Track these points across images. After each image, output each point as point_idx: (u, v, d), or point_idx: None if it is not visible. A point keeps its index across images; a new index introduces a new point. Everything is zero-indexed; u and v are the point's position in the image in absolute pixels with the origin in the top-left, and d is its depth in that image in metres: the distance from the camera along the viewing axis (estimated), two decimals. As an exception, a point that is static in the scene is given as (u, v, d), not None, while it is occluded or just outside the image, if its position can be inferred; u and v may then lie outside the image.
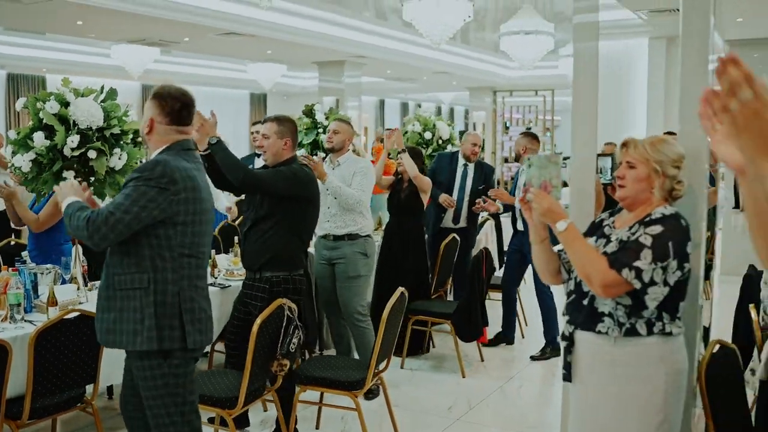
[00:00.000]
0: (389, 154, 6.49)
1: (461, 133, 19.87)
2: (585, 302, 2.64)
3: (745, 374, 3.79)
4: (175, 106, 3.11)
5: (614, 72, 10.29)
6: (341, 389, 4.17)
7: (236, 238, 5.59)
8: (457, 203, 6.61)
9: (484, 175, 6.71)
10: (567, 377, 2.72)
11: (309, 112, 7.09)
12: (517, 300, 6.70)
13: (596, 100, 3.48)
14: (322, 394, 4.56)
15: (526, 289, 7.13)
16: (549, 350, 6.18)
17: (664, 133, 4.43)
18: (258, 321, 3.66)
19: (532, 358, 6.20)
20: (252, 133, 6.89)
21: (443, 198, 6.49)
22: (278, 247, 4.15)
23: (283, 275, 4.17)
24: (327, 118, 7.16)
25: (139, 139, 4.81)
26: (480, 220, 7.32)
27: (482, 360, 6.09)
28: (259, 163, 6.03)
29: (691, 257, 2.61)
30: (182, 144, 3.12)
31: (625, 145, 2.67)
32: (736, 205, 8.31)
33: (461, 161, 6.69)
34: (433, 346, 6.45)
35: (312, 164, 4.61)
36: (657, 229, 2.50)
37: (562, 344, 2.75)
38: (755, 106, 1.23)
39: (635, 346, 2.56)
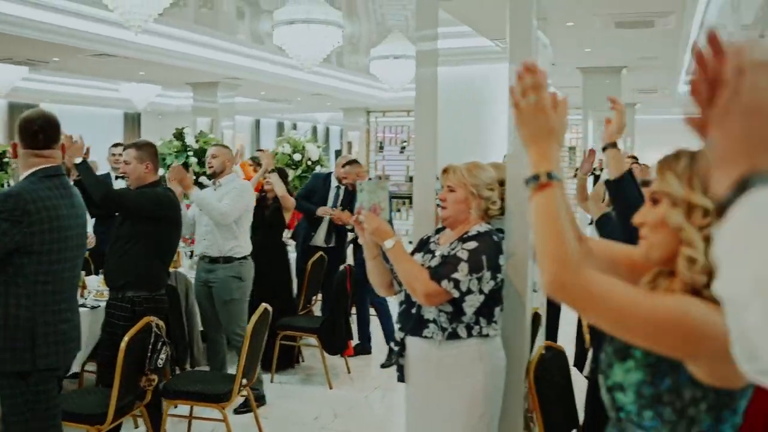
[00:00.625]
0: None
1: (337, 153, 20.23)
2: (413, 311, 3.00)
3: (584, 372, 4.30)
4: (31, 129, 3.18)
5: (476, 96, 10.88)
6: (209, 402, 4.37)
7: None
8: (328, 223, 6.91)
9: (353, 196, 7.04)
10: (401, 378, 3.08)
11: (179, 135, 7.24)
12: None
13: (436, 125, 3.70)
14: (191, 408, 4.74)
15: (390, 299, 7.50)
16: (394, 357, 6.57)
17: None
18: (126, 338, 3.82)
19: (382, 366, 6.57)
20: (113, 155, 6.99)
21: (322, 209, 6.78)
22: (140, 268, 4.30)
23: (144, 295, 4.32)
24: (197, 141, 7.33)
25: (6, 160, 4.86)
26: (349, 238, 7.66)
27: (349, 372, 6.40)
28: (119, 184, 6.16)
29: (517, 268, 3.02)
30: (47, 170, 3.19)
31: (445, 171, 3.06)
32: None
33: (334, 182, 7.00)
34: (302, 360, 6.71)
35: (177, 175, 4.85)
36: (472, 244, 2.89)
37: (396, 349, 3.10)
38: (534, 109, 1.61)
39: (457, 348, 2.94)
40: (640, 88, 13.71)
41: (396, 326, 3.13)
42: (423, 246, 3.15)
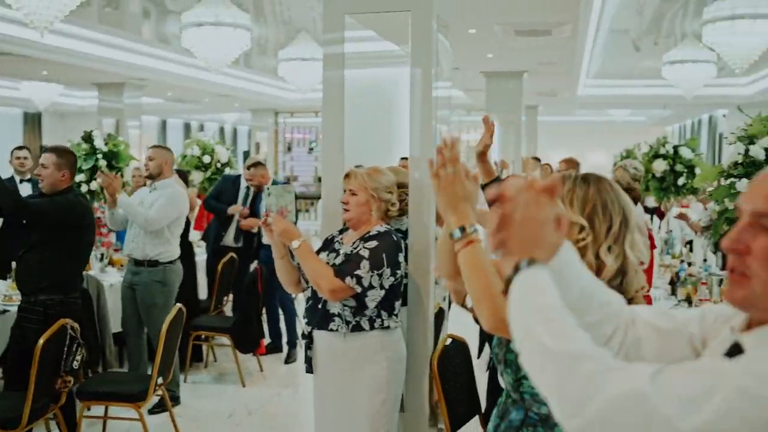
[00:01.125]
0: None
1: (245, 154, 20.15)
2: (319, 306, 3.21)
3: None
4: None
5: (383, 98, 11.14)
6: (125, 401, 4.43)
7: (13, 264, 5.63)
8: (237, 223, 7.01)
9: (262, 198, 7.16)
10: (309, 370, 3.28)
11: (88, 138, 7.19)
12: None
13: (343, 127, 3.85)
14: (106, 409, 4.79)
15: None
16: (294, 354, 6.80)
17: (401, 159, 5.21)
18: (41, 341, 3.86)
19: (286, 362, 6.76)
20: (18, 158, 6.90)
21: (232, 208, 6.87)
22: (53, 272, 4.31)
23: (58, 298, 4.33)
24: (106, 144, 7.29)
25: None
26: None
27: (261, 370, 6.53)
28: (24, 187, 6.09)
29: (418, 265, 3.24)
30: None
31: (347, 176, 3.27)
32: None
33: (244, 183, 7.10)
34: (215, 360, 6.80)
35: (103, 182, 4.88)
36: (373, 243, 3.12)
37: (304, 342, 3.29)
38: (452, 179, 1.85)
39: (361, 340, 3.17)
40: (541, 91, 14.28)
41: (303, 321, 3.32)
42: (328, 245, 3.35)
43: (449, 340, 3.86)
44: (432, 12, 3.67)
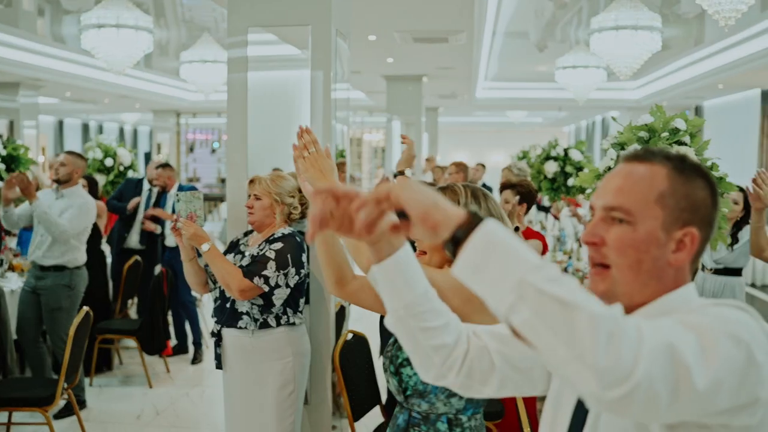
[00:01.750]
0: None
1: (146, 156, 19.81)
2: (227, 305, 3.40)
3: None
4: None
5: (287, 101, 11.28)
6: (31, 406, 4.45)
7: None
8: (140, 225, 7.06)
9: (167, 199, 7.21)
10: (219, 366, 3.45)
11: (-17, 141, 7.07)
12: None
13: (246, 129, 4.01)
14: (10, 415, 4.79)
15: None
16: (199, 355, 6.94)
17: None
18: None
19: (192, 362, 6.86)
20: None
21: (132, 202, 6.92)
22: None
23: None
24: (5, 147, 7.19)
25: None
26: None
27: (168, 371, 6.60)
28: None
29: (319, 266, 3.43)
30: None
31: (251, 181, 3.46)
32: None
33: (146, 186, 7.14)
34: (120, 363, 6.82)
35: (21, 185, 4.85)
36: (278, 245, 3.33)
37: (213, 340, 3.46)
38: (314, 158, 2.12)
39: (269, 336, 3.38)
40: (441, 93, 14.69)
41: (213, 319, 3.49)
42: (233, 247, 3.53)
43: (350, 336, 4.09)
44: (330, 25, 3.89)
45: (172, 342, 7.10)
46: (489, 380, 1.47)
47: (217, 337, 3.44)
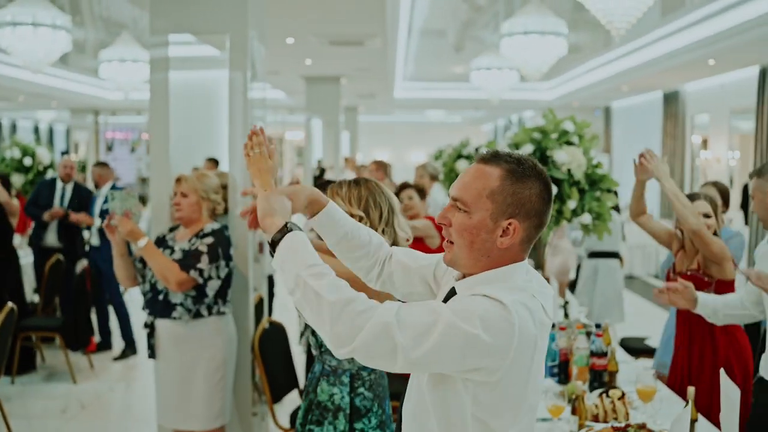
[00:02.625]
0: None
1: (63, 155, 19.50)
2: (160, 297, 3.61)
3: None
4: None
5: (209, 100, 11.40)
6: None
7: None
8: (57, 223, 7.14)
9: (80, 196, 7.27)
10: (152, 355, 3.66)
11: None
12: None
13: (169, 128, 4.17)
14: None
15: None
16: (128, 351, 7.07)
17: (207, 160, 5.61)
18: None
19: (115, 359, 7.00)
20: None
21: (48, 214, 6.98)
22: None
23: None
24: None
25: None
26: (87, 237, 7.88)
27: (92, 367, 6.70)
28: None
29: (241, 258, 3.70)
30: None
31: (178, 180, 3.68)
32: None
33: (59, 183, 7.22)
34: (43, 361, 6.89)
35: None
36: (209, 239, 3.57)
37: (146, 331, 3.67)
38: (258, 158, 2.35)
39: (201, 325, 3.63)
40: (360, 93, 15.02)
41: (145, 311, 3.69)
42: (161, 243, 3.74)
43: (268, 324, 4.35)
44: (247, 33, 4.14)
45: (96, 338, 7.19)
46: (394, 291, 2.02)
47: (150, 328, 3.65)
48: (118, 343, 7.27)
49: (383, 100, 16.79)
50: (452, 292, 1.76)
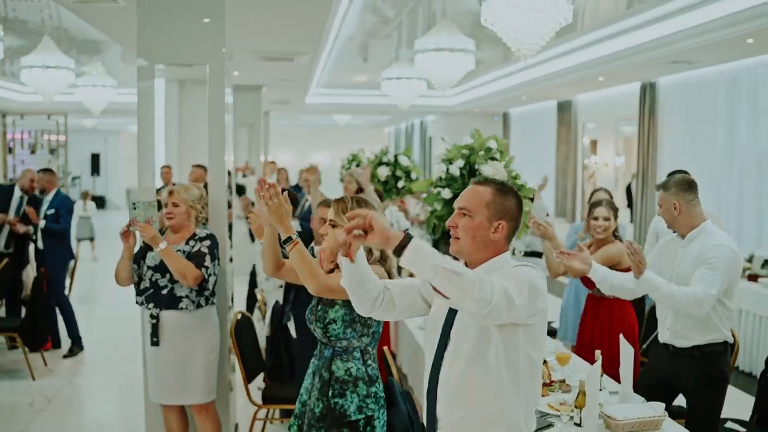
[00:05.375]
0: None
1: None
2: (164, 292, 4.21)
3: None
4: None
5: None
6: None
7: None
8: (8, 229, 7.51)
9: (35, 206, 7.66)
10: (156, 343, 4.24)
11: None
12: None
13: (154, 149, 4.82)
14: None
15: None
16: (76, 348, 7.57)
17: (194, 166, 6.16)
18: None
19: (65, 356, 7.47)
20: None
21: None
22: None
23: None
24: None
25: None
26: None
27: (46, 364, 7.12)
28: None
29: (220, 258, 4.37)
30: None
31: (170, 192, 4.29)
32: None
33: (18, 193, 7.59)
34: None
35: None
36: (207, 242, 4.23)
37: (152, 321, 4.23)
38: (277, 206, 3.02)
39: (201, 313, 4.29)
40: (276, 100, 15.60)
41: (150, 305, 4.24)
42: (149, 247, 4.26)
43: (240, 315, 5.02)
44: (224, 62, 4.83)
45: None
46: (393, 310, 2.60)
47: (156, 319, 4.23)
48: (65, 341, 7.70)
49: (296, 106, 17.42)
50: None
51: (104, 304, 10.63)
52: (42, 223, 7.42)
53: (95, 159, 28.62)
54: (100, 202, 27.66)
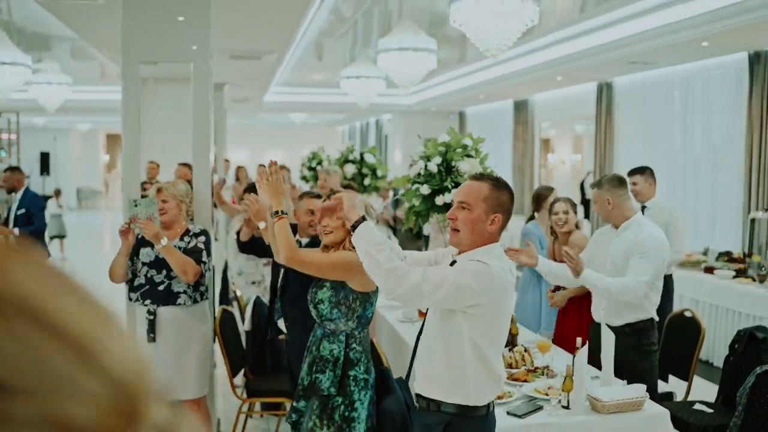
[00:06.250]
0: None
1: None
2: (161, 288, 4.25)
3: None
4: None
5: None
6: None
7: None
8: None
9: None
10: (153, 339, 4.25)
11: None
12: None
13: (138, 145, 4.84)
14: None
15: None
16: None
17: (179, 164, 6.19)
18: None
19: None
20: None
21: None
22: None
23: None
24: None
25: None
26: None
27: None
28: None
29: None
30: None
31: (159, 190, 4.34)
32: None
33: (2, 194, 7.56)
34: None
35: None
36: (203, 238, 4.30)
37: (149, 318, 4.25)
38: (275, 183, 3.17)
39: (197, 308, 4.36)
40: (236, 98, 15.60)
41: (147, 301, 4.28)
42: (142, 243, 4.31)
43: (223, 311, 5.10)
44: (209, 60, 4.90)
45: None
46: None
47: (153, 315, 4.26)
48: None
49: (254, 104, 17.42)
50: (453, 263, 2.75)
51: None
52: (16, 231, 7.36)
53: (45, 158, 28.06)
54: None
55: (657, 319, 4.32)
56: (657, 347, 4.35)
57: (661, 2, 7.69)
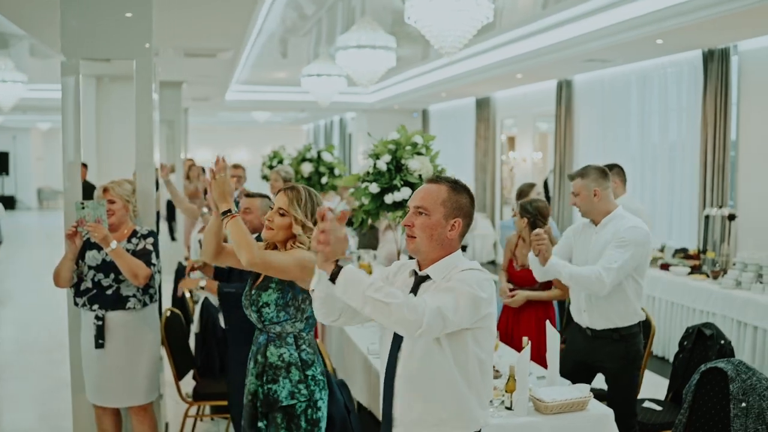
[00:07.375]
0: None
1: None
2: (109, 293, 4.11)
3: None
4: None
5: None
6: None
7: None
8: None
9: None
10: (101, 345, 4.12)
11: None
12: None
13: (80, 144, 4.68)
14: None
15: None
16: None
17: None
18: None
19: None
20: None
21: None
22: None
23: None
24: None
25: None
26: None
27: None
28: None
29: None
30: None
31: (105, 190, 4.21)
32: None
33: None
34: None
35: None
36: (151, 239, 4.18)
37: (97, 323, 4.11)
38: (222, 181, 3.11)
39: (146, 312, 4.25)
40: (195, 96, 15.41)
41: (95, 306, 4.14)
42: (88, 245, 4.20)
43: (169, 313, 4.99)
44: (151, 58, 4.77)
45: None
46: (358, 316, 2.57)
47: (102, 320, 4.11)
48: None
49: (215, 103, 17.23)
50: (423, 278, 2.56)
51: (12, 307, 10.28)
52: None
53: (3, 158, 27.55)
54: (9, 202, 26.68)
55: (643, 317, 4.13)
56: (643, 354, 4.21)
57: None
